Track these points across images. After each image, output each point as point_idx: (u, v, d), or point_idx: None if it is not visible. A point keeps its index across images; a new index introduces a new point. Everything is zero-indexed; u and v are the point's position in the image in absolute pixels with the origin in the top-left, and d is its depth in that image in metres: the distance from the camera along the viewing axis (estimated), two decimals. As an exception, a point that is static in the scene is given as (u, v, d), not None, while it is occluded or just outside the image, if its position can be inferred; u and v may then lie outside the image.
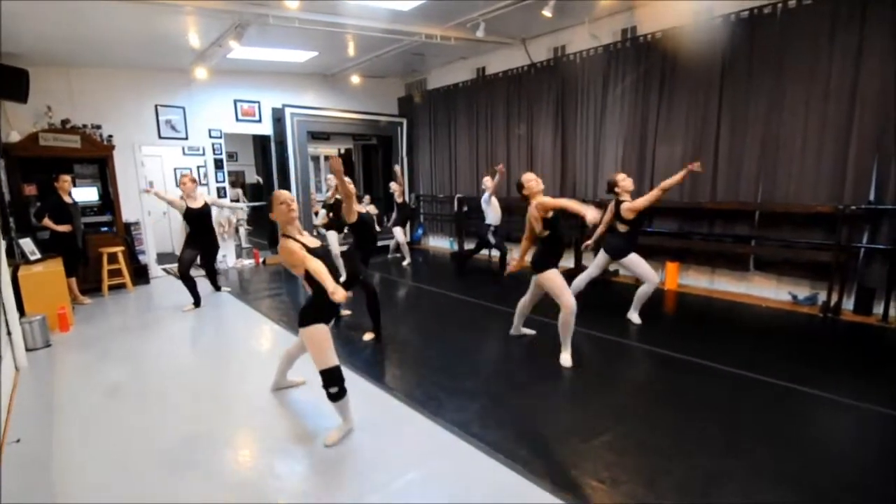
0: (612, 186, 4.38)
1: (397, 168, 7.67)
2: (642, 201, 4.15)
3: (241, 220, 8.58)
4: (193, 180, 5.38)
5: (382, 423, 2.91)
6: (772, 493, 2.16)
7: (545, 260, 3.56)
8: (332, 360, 2.68)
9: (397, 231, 7.75)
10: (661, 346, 3.91)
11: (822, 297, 4.66)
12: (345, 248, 5.18)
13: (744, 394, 3.11)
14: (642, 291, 4.41)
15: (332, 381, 2.66)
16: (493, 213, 6.40)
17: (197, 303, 5.52)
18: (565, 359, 3.60)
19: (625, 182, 4.31)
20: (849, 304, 4.61)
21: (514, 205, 7.47)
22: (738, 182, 5.11)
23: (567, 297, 3.47)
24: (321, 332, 2.68)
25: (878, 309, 4.40)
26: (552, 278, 3.52)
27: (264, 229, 9.71)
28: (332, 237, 6.47)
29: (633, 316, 4.50)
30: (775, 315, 4.70)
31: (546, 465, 2.41)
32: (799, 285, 4.96)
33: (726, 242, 5.27)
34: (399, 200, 7.61)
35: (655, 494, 2.17)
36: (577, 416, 2.93)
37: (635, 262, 4.36)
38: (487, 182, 6.38)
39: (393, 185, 7.61)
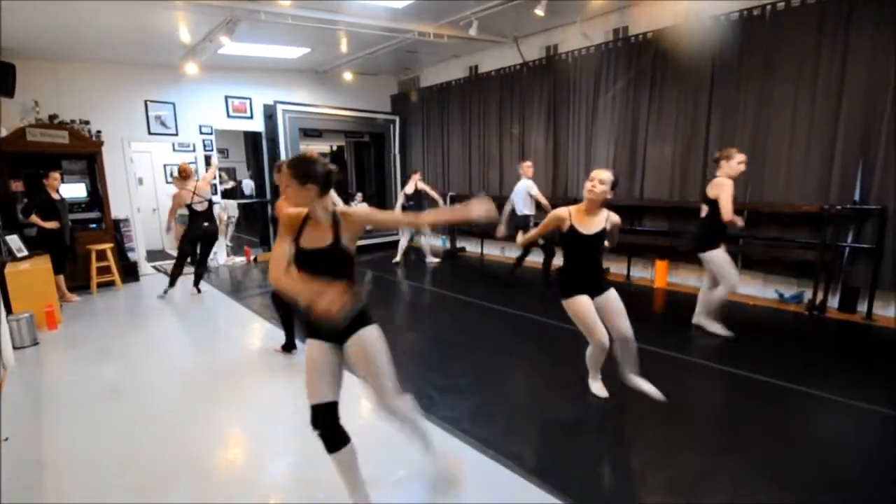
0: (717, 159, 3.82)
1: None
2: (729, 200, 3.65)
3: (231, 218, 8.48)
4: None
5: (373, 420, 2.91)
6: (763, 491, 2.19)
7: (568, 285, 2.82)
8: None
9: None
10: (649, 344, 3.94)
11: (808, 295, 4.73)
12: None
13: (732, 391, 3.16)
14: (718, 295, 3.90)
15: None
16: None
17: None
18: (598, 388, 3.05)
19: (735, 160, 3.68)
20: (834, 301, 4.70)
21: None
22: (726, 181, 5.17)
23: (597, 333, 2.77)
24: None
25: (863, 307, 4.49)
26: (576, 308, 2.78)
27: (255, 228, 9.66)
28: None
29: (709, 324, 4.06)
30: (762, 313, 4.77)
31: (537, 461, 2.43)
32: (785, 283, 5.04)
33: (715, 241, 5.31)
34: (410, 191, 7.42)
35: (647, 491, 2.20)
36: (567, 414, 2.96)
37: (714, 258, 3.85)
38: (541, 198, 5.92)
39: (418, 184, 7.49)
